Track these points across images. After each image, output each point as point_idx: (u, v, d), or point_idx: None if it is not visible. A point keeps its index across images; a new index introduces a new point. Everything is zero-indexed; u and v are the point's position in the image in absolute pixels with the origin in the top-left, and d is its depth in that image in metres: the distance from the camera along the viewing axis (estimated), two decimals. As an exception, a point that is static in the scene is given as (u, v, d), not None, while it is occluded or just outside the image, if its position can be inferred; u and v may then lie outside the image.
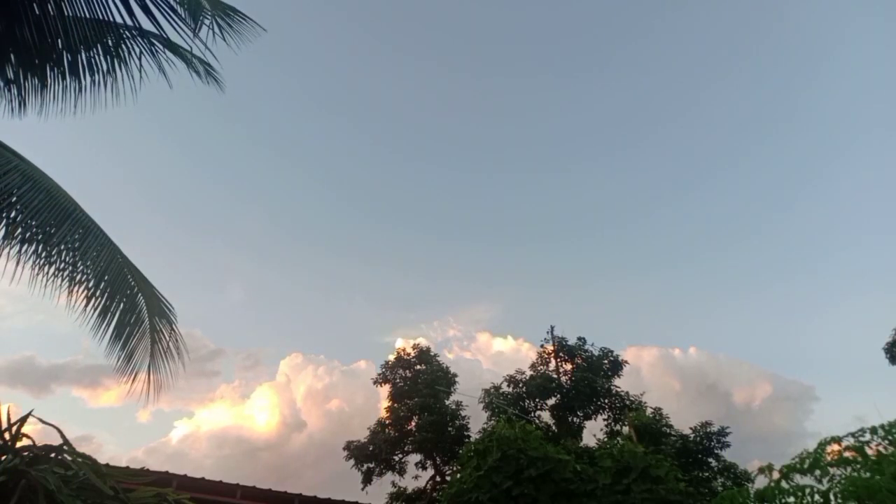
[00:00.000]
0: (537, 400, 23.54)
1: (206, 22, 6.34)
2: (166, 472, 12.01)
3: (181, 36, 6.29)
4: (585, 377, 23.15)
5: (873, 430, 7.48)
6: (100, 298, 5.90)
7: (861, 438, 7.63)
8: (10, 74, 6.52)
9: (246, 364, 53.05)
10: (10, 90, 6.64)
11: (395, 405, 24.66)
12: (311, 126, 56.65)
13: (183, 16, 6.17)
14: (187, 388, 55.54)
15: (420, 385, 24.49)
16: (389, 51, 57.30)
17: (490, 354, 44.74)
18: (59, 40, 6.26)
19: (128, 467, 9.54)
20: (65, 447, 4.73)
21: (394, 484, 23.98)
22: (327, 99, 57.42)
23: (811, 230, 50.79)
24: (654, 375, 41.99)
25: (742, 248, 53.23)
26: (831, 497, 7.30)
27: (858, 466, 7.30)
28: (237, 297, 54.51)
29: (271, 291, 58.36)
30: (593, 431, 23.28)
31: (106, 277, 5.97)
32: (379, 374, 26.03)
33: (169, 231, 51.10)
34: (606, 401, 23.37)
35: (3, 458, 4.40)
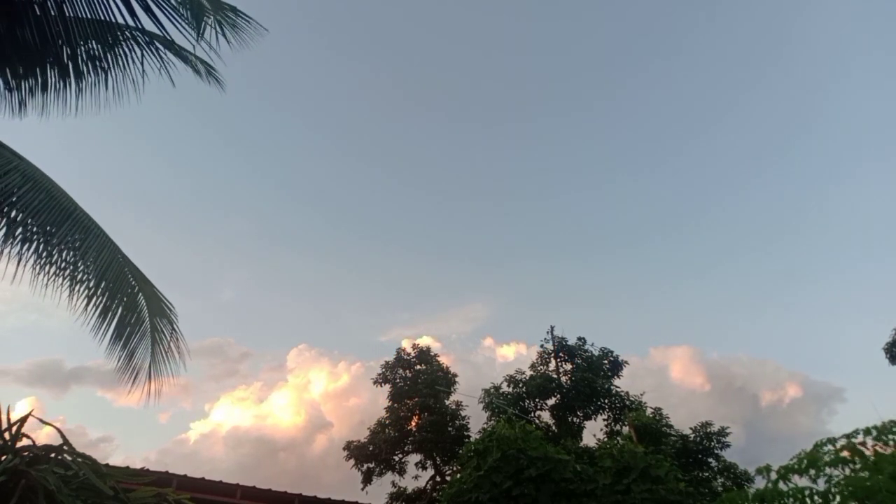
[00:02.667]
0: (537, 400, 23.51)
1: (209, 22, 6.34)
2: (166, 472, 12.03)
3: (184, 36, 6.29)
4: (585, 377, 23.14)
5: (867, 432, 7.44)
6: (100, 298, 5.90)
7: (854, 439, 7.59)
8: (11, 75, 6.53)
9: (272, 365, 53.54)
10: (10, 91, 6.65)
11: (395, 405, 24.66)
12: (310, 128, 56.86)
13: (185, 16, 6.17)
14: (214, 389, 56.14)
15: (420, 385, 24.47)
16: (391, 61, 57.55)
17: (503, 360, 44.78)
18: (60, 41, 6.27)
19: (128, 467, 9.56)
20: (65, 447, 4.75)
21: (394, 484, 24.01)
22: (325, 101, 57.62)
23: (850, 231, 50.72)
24: (685, 375, 42.30)
25: (780, 250, 53.46)
26: (830, 497, 7.28)
27: (856, 467, 7.28)
28: (232, 297, 54.77)
29: (268, 292, 58.72)
30: (593, 431, 23.32)
31: (106, 277, 5.97)
32: (379, 375, 26.03)
33: (160, 233, 51.24)
34: (606, 401, 23.34)
35: (3, 458, 4.41)
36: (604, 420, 23.43)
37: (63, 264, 5.81)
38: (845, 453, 7.41)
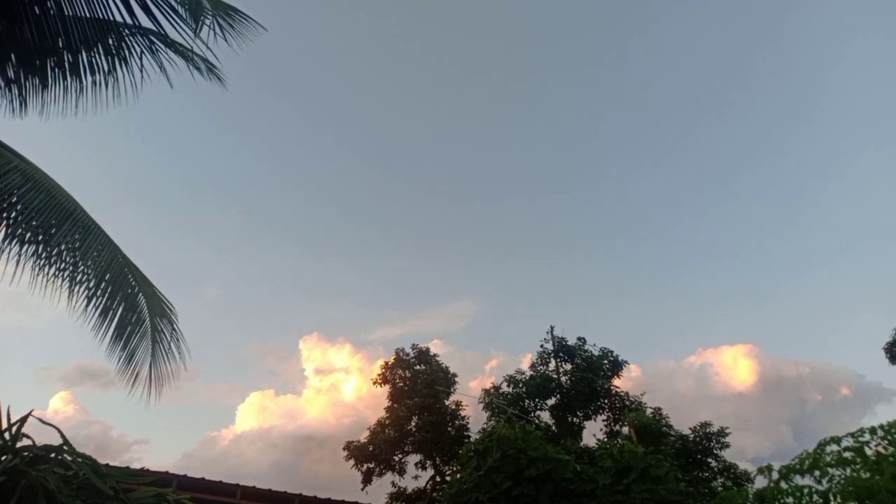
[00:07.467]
0: (537, 400, 23.49)
1: (207, 22, 6.33)
2: (166, 472, 12.04)
3: (182, 35, 6.29)
4: (585, 377, 23.13)
5: (872, 431, 7.45)
6: (100, 298, 5.88)
7: (860, 439, 7.61)
8: (11, 74, 6.51)
9: (290, 363, 53.71)
10: (10, 90, 6.63)
11: (395, 405, 24.64)
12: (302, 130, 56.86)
13: (183, 15, 6.16)
14: (248, 389, 56.33)
15: (420, 385, 24.46)
16: (385, 56, 57.58)
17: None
18: (60, 40, 6.26)
19: (128, 467, 9.54)
20: (65, 447, 4.74)
21: (394, 484, 23.99)
22: (320, 95, 57.70)
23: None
24: (739, 375, 42.43)
25: (854, 258, 53.30)
26: (831, 497, 7.28)
27: (858, 467, 7.28)
28: (218, 296, 54.92)
29: (255, 291, 58.97)
30: (593, 431, 23.31)
31: (107, 277, 5.94)
32: (379, 375, 26.01)
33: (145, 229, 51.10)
34: (606, 401, 23.34)
35: (4, 458, 4.40)
36: (604, 420, 23.47)
37: (63, 265, 5.79)
38: (848, 454, 7.42)
